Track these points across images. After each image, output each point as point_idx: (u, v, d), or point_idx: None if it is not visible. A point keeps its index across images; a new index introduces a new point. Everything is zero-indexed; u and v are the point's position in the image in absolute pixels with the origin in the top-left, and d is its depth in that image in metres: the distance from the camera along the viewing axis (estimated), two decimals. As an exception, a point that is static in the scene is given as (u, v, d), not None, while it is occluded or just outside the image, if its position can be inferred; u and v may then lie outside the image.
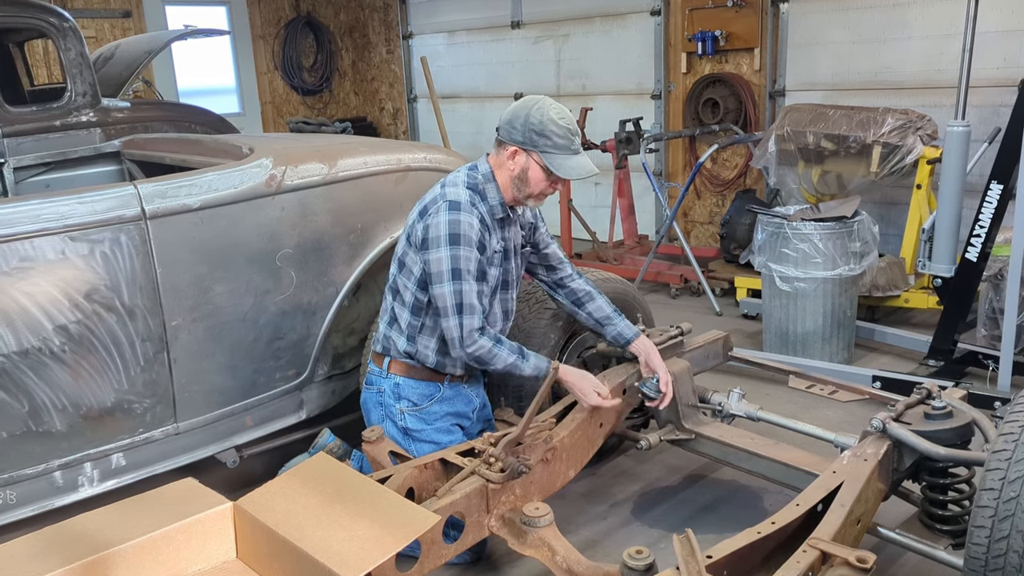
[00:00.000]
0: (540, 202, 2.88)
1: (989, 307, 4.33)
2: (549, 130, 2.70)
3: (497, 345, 2.75)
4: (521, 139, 2.73)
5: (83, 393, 2.75)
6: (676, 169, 7.26)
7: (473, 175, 2.84)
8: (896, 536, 2.52)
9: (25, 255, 2.58)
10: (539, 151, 2.72)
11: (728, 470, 3.28)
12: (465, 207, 2.74)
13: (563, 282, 3.10)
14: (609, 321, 3.06)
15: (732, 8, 6.43)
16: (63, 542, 1.88)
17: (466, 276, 2.71)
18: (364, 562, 1.80)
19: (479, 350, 2.72)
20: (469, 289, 2.71)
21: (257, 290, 3.09)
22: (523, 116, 2.73)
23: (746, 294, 5.52)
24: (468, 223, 2.72)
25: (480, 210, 2.77)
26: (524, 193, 2.81)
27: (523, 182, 2.78)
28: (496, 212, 2.83)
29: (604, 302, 3.08)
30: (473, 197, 2.78)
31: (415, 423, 2.89)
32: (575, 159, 2.74)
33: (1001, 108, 5.07)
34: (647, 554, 2.06)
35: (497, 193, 2.82)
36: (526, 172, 2.76)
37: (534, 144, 2.71)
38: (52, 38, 5.23)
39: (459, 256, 2.70)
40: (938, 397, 2.63)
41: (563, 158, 2.72)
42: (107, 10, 8.24)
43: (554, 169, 2.72)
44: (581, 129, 6.32)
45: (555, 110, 2.73)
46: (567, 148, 2.73)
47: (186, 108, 6.49)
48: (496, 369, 2.78)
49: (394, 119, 10.16)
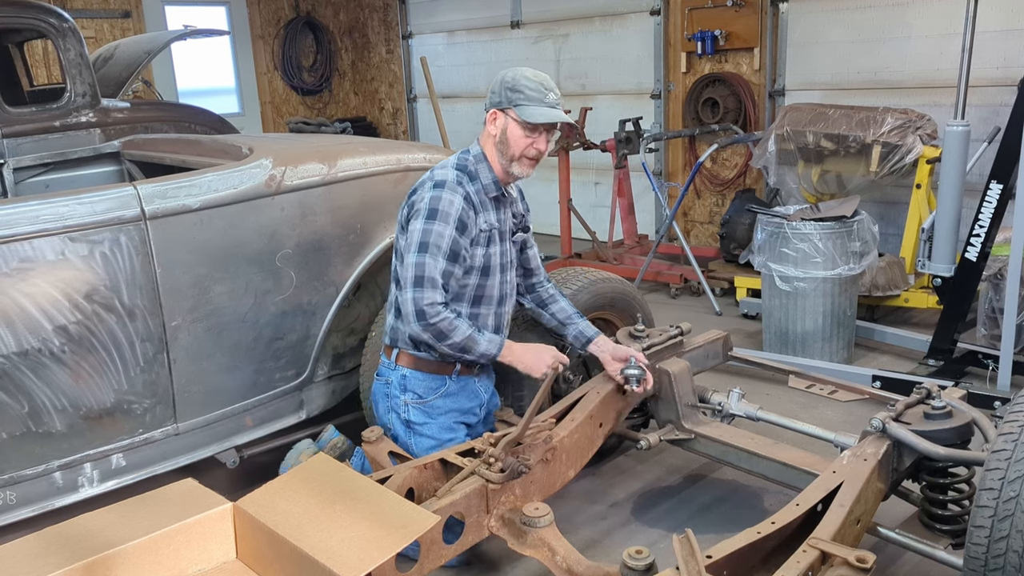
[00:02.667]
0: (525, 168, 2.85)
1: (989, 307, 4.33)
2: (521, 84, 2.75)
3: (458, 318, 2.75)
4: (498, 100, 2.79)
5: (83, 394, 2.75)
6: (676, 169, 7.26)
7: (464, 157, 2.89)
8: (896, 536, 2.52)
9: (25, 256, 2.58)
10: (513, 105, 2.76)
11: (728, 470, 3.28)
12: (450, 185, 2.77)
13: (533, 287, 3.16)
14: (571, 320, 3.10)
15: (732, 8, 6.43)
16: (64, 542, 1.89)
17: (433, 250, 2.71)
18: (364, 562, 1.80)
19: (441, 321, 2.70)
20: (433, 263, 2.71)
21: (257, 290, 3.09)
22: (499, 79, 2.81)
23: (746, 294, 5.52)
24: (449, 200, 2.75)
25: (468, 189, 2.80)
26: (507, 156, 2.82)
27: (504, 144, 2.81)
28: (490, 191, 2.86)
29: (567, 304, 3.14)
30: (460, 176, 2.81)
31: (418, 416, 2.89)
32: (543, 108, 2.76)
33: (1001, 107, 5.07)
34: (647, 554, 2.07)
35: (490, 172, 2.86)
36: (505, 132, 2.80)
37: (509, 100, 2.76)
38: (52, 38, 5.23)
39: (431, 230, 2.72)
40: (938, 397, 2.63)
41: (535, 108, 2.75)
42: (107, 10, 8.24)
43: (526, 117, 2.74)
44: (581, 129, 6.36)
45: (530, 70, 2.80)
46: (540, 100, 2.75)
47: (186, 108, 6.50)
48: (453, 344, 2.74)
49: (394, 119, 10.16)
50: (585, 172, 7.65)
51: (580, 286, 3.36)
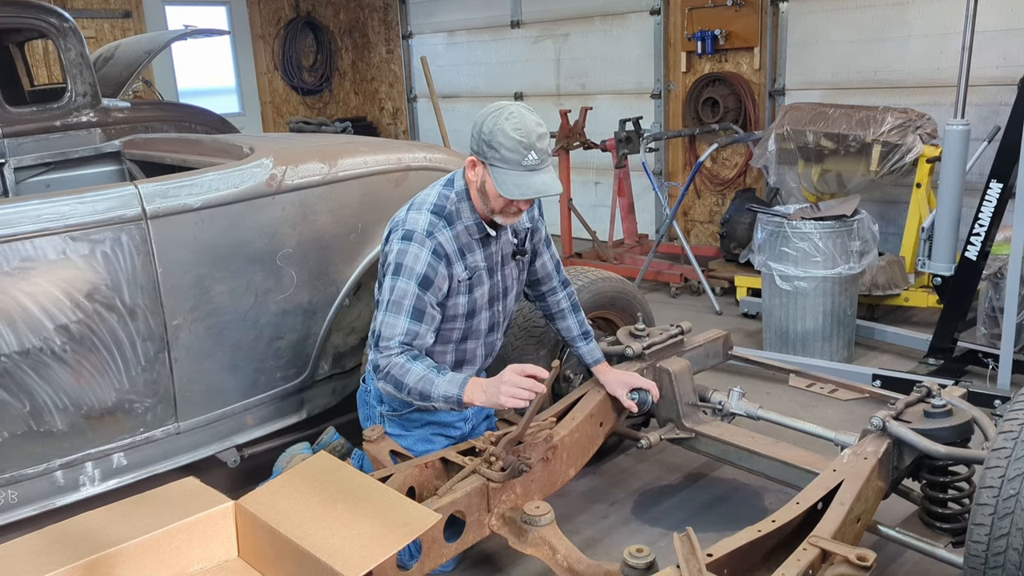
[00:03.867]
0: (510, 220, 2.62)
1: (989, 305, 4.33)
2: (497, 141, 2.43)
3: (412, 360, 2.53)
4: (476, 148, 2.51)
5: (84, 393, 2.75)
6: (676, 168, 7.26)
7: (445, 195, 2.64)
8: (896, 534, 2.53)
9: (26, 255, 2.58)
10: (489, 165, 2.48)
11: (728, 469, 3.28)
12: (417, 237, 2.55)
13: (543, 296, 3.03)
14: (574, 343, 3.04)
15: (732, 7, 6.43)
16: (65, 541, 1.89)
17: (395, 308, 2.55)
18: (365, 560, 1.80)
19: (389, 368, 2.52)
20: (393, 322, 2.55)
21: (258, 290, 3.10)
22: (479, 124, 2.49)
23: (746, 293, 5.52)
24: (414, 255, 2.54)
25: (441, 238, 2.57)
26: (488, 208, 2.58)
27: (484, 196, 2.56)
28: (473, 232, 2.64)
29: (575, 323, 3.01)
30: (435, 224, 2.58)
31: (393, 428, 2.84)
32: (521, 177, 2.44)
33: (1001, 107, 5.07)
34: (648, 552, 2.07)
35: (472, 212, 2.62)
36: (484, 186, 2.54)
37: (484, 156, 2.48)
38: (52, 38, 5.24)
39: (395, 287, 2.56)
40: (938, 395, 2.63)
41: (509, 174, 2.44)
42: (107, 10, 8.24)
43: (497, 185, 2.46)
44: (581, 129, 6.36)
45: (514, 119, 2.44)
46: (516, 163, 2.43)
47: (186, 108, 6.50)
48: (412, 390, 2.52)
49: (394, 119, 10.17)
50: (585, 172, 7.66)
51: (580, 285, 3.36)
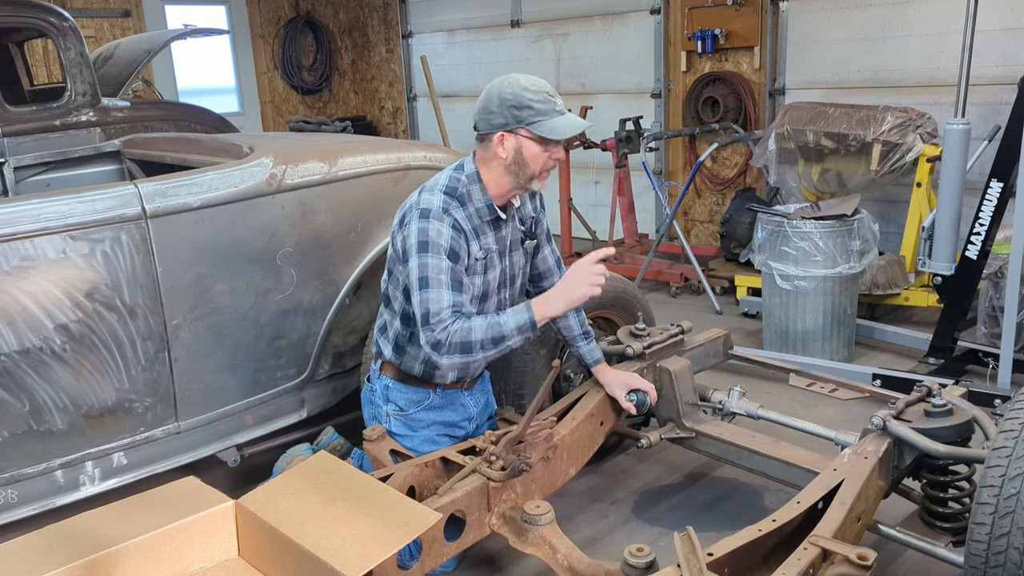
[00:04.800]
0: (544, 182, 2.69)
1: (989, 305, 4.33)
2: (526, 100, 2.53)
3: (468, 319, 2.55)
4: (503, 121, 2.56)
5: (84, 392, 2.75)
6: (676, 168, 7.26)
7: (456, 177, 2.68)
8: (897, 533, 2.53)
9: (26, 254, 2.58)
10: (525, 124, 2.55)
11: (729, 468, 3.28)
12: (435, 214, 2.58)
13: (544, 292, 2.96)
14: (575, 342, 3.02)
15: (732, 7, 6.43)
16: (65, 540, 1.89)
17: (435, 284, 2.54)
18: (366, 560, 1.80)
19: (453, 335, 2.51)
20: (437, 296, 2.53)
21: (258, 289, 3.09)
22: (496, 98, 2.56)
23: (746, 292, 5.52)
24: (437, 230, 2.57)
25: (456, 216, 2.61)
26: (526, 176, 2.62)
27: (520, 165, 2.60)
28: (484, 214, 2.67)
29: (575, 321, 2.99)
30: (448, 203, 2.61)
31: (399, 428, 2.84)
32: (563, 119, 2.58)
33: (1001, 106, 5.07)
34: (648, 552, 2.07)
35: (483, 195, 2.65)
36: (520, 153, 2.59)
37: (518, 120, 2.55)
38: (52, 38, 5.24)
39: (427, 264, 2.55)
40: (938, 395, 2.63)
41: (551, 121, 2.56)
42: (107, 10, 8.24)
43: (546, 134, 2.55)
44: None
45: (524, 79, 2.58)
46: (551, 111, 2.56)
47: (186, 108, 6.50)
48: (484, 343, 2.53)
49: (394, 118, 10.16)
50: (585, 171, 7.66)
51: (581, 285, 3.35)
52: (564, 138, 2.60)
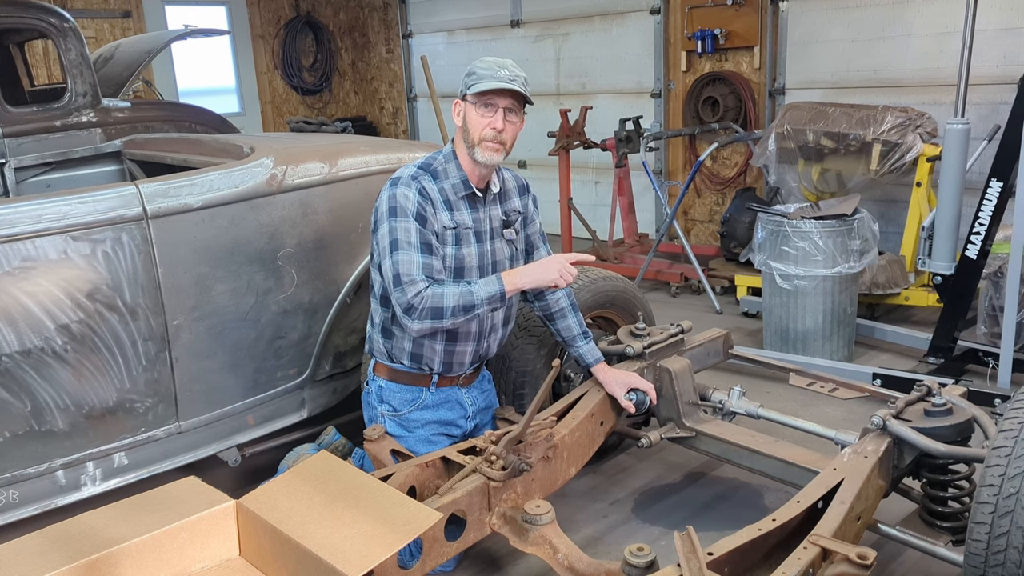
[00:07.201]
0: (489, 153, 2.69)
1: (989, 304, 4.34)
2: (475, 67, 2.70)
3: (441, 285, 2.61)
4: (460, 90, 2.74)
5: (85, 392, 2.75)
6: (676, 167, 7.26)
7: (434, 156, 2.81)
8: (896, 533, 2.53)
9: (27, 255, 2.58)
10: (467, 89, 2.69)
11: (729, 468, 3.28)
12: (403, 181, 2.69)
13: (542, 294, 2.99)
14: (574, 342, 3.02)
15: (732, 6, 6.44)
16: (67, 540, 1.89)
17: (404, 246, 2.61)
18: (367, 559, 1.81)
19: (426, 300, 2.56)
20: (407, 259, 2.60)
21: (258, 289, 3.10)
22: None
23: (746, 292, 5.52)
24: (403, 194, 2.66)
25: (425, 184, 2.70)
26: (469, 143, 2.70)
27: (466, 131, 2.71)
28: (459, 190, 2.74)
29: (575, 322, 3.01)
30: (418, 174, 2.72)
31: (395, 429, 2.85)
32: (496, 81, 2.64)
33: (1001, 106, 5.08)
34: (648, 551, 2.07)
35: (459, 171, 2.75)
36: (465, 119, 2.72)
37: (466, 86, 2.70)
38: (52, 38, 5.24)
39: (396, 227, 2.63)
40: (938, 394, 2.63)
41: (487, 82, 2.65)
42: (107, 10, 8.24)
43: (474, 90, 2.66)
44: (581, 128, 6.36)
45: (490, 58, 2.73)
46: (491, 76, 2.64)
47: (187, 108, 6.50)
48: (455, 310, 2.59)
49: (394, 118, 10.17)
50: (585, 171, 7.66)
51: (580, 285, 3.36)
52: (482, 90, 2.64)
